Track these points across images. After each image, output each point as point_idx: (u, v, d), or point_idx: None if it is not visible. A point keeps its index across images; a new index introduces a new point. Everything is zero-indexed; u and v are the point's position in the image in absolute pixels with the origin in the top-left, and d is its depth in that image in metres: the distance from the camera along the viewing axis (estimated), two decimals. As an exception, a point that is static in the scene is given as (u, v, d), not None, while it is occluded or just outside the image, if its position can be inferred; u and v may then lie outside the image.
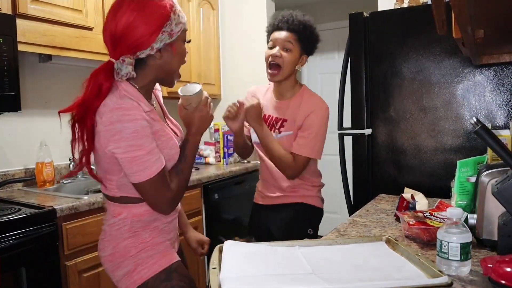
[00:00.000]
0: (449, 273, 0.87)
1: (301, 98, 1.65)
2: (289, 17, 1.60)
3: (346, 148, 2.06)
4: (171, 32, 1.05)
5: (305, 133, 1.59)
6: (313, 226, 1.70)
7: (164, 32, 1.04)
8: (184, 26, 1.10)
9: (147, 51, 1.04)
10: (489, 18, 0.96)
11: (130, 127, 0.99)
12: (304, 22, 1.60)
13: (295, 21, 1.59)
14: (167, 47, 1.08)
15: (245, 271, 0.86)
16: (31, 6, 1.82)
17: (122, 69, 1.02)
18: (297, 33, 1.59)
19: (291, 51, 1.59)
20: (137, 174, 1.03)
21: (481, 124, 0.91)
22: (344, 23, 2.71)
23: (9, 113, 1.95)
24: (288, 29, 1.59)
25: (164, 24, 1.04)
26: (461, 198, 1.24)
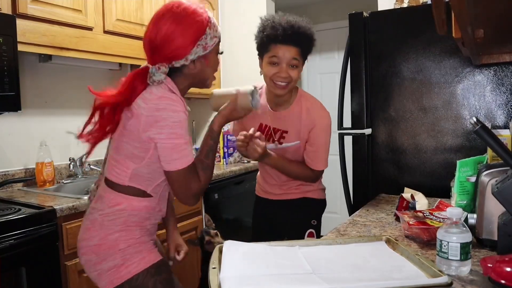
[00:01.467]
0: (449, 273, 0.87)
1: (299, 107, 1.56)
2: (294, 29, 1.44)
3: (346, 148, 2.06)
4: (205, 45, 1.13)
5: (314, 147, 1.57)
6: (317, 217, 1.72)
7: (199, 45, 1.12)
8: (218, 39, 1.17)
9: (181, 61, 1.12)
10: (489, 18, 0.96)
11: (174, 116, 1.06)
12: (309, 34, 1.48)
13: (302, 35, 1.46)
14: (201, 59, 1.15)
15: (245, 271, 0.86)
16: (31, 6, 1.82)
17: (156, 75, 1.09)
18: (301, 46, 1.47)
19: (297, 67, 1.48)
20: (176, 161, 1.08)
21: (481, 124, 0.91)
22: (344, 23, 2.71)
23: (9, 113, 1.95)
24: (294, 44, 1.45)
25: (200, 38, 1.11)
26: (461, 198, 1.24)
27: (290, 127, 1.57)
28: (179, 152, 1.08)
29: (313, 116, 1.56)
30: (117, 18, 2.24)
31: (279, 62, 1.46)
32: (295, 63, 1.47)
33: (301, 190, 1.69)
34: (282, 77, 1.46)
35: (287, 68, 1.46)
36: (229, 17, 3.35)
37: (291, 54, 1.45)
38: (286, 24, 1.44)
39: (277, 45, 1.45)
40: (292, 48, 1.45)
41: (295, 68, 1.48)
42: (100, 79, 2.50)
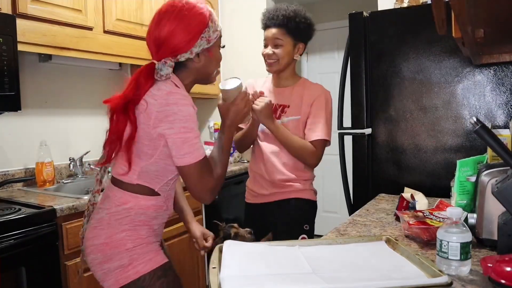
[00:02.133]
0: (449, 272, 0.87)
1: (303, 86, 1.70)
2: (274, 12, 1.63)
3: (346, 148, 2.06)
4: (208, 38, 1.15)
5: (316, 119, 1.63)
6: (309, 221, 1.69)
7: (203, 38, 1.14)
8: (220, 33, 1.20)
9: (186, 55, 1.13)
10: (489, 18, 0.96)
11: (184, 110, 1.07)
12: (288, 14, 1.61)
13: (279, 16, 1.61)
14: (204, 52, 1.17)
15: (245, 271, 0.86)
16: (31, 6, 1.82)
17: (163, 70, 1.10)
18: (283, 27, 1.62)
19: (282, 46, 1.63)
20: (187, 155, 1.08)
21: (481, 124, 0.90)
22: (344, 22, 2.71)
23: (9, 113, 1.95)
24: (274, 26, 1.63)
25: (203, 31, 1.14)
26: (461, 197, 1.24)
27: (292, 102, 1.67)
28: (191, 146, 1.08)
29: (314, 90, 1.68)
30: (117, 18, 2.24)
31: (267, 44, 1.66)
32: (278, 42, 1.63)
33: (293, 188, 1.66)
34: (268, 55, 1.64)
35: (272, 47, 1.64)
36: (229, 17, 3.35)
37: (274, 34, 1.63)
38: (271, 10, 1.65)
39: (265, 31, 1.67)
40: (273, 29, 1.63)
41: (280, 47, 1.63)
42: (100, 79, 2.50)
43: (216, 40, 1.18)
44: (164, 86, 1.09)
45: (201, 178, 1.12)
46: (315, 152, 1.62)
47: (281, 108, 1.69)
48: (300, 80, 1.73)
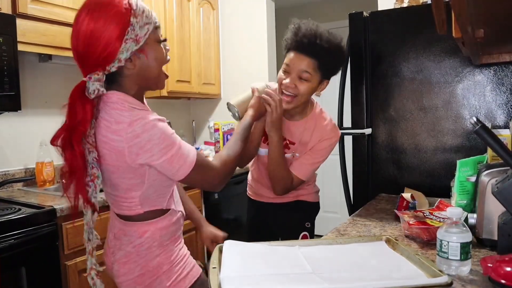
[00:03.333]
0: (449, 272, 0.87)
1: (314, 122, 1.49)
2: (312, 39, 1.33)
3: (346, 148, 2.06)
4: (136, 37, 0.96)
5: (312, 157, 1.48)
6: (310, 219, 1.69)
7: (128, 40, 0.94)
8: (152, 26, 0.99)
9: (116, 64, 0.95)
10: (489, 18, 0.96)
11: (156, 133, 0.95)
12: (329, 47, 1.34)
13: (318, 46, 1.32)
14: (137, 54, 0.98)
15: (245, 271, 0.86)
16: (31, 6, 1.82)
17: (90, 87, 0.95)
18: (318, 60, 1.35)
19: (308, 81, 1.37)
20: (180, 170, 1.01)
21: (481, 124, 0.91)
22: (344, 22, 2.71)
23: (9, 113, 1.95)
24: (308, 55, 1.34)
25: (125, 32, 0.94)
26: (461, 197, 1.24)
27: (298, 139, 1.50)
28: (179, 160, 1.00)
29: (326, 131, 1.49)
30: (117, 18, 2.24)
31: (289, 72, 1.38)
32: (305, 76, 1.36)
33: (294, 194, 1.62)
34: (288, 87, 1.37)
35: (295, 79, 1.36)
36: (229, 17, 3.35)
37: (303, 65, 1.35)
38: (306, 31, 1.34)
39: (291, 52, 1.38)
40: (305, 58, 1.34)
41: (305, 82, 1.37)
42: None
43: (148, 36, 0.98)
44: (121, 117, 0.95)
45: (203, 176, 1.07)
46: (288, 186, 1.48)
47: (285, 142, 1.51)
48: (311, 113, 1.51)
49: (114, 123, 0.95)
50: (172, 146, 0.98)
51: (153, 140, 0.95)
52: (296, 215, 1.65)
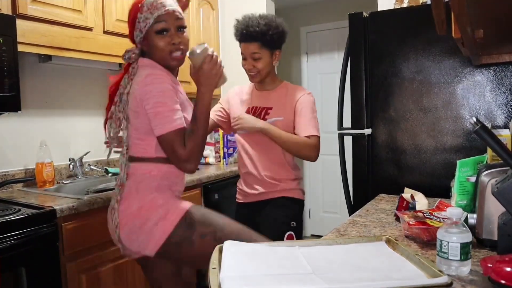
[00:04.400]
0: (449, 273, 0.87)
1: (285, 89, 1.79)
2: (245, 28, 1.69)
3: (346, 148, 2.06)
4: (141, 28, 1.30)
5: (301, 117, 1.70)
6: (296, 219, 1.73)
7: (136, 29, 1.31)
8: (150, 21, 1.28)
9: (137, 43, 1.34)
10: (489, 18, 0.96)
11: (157, 88, 1.21)
12: (261, 29, 1.66)
13: (252, 32, 1.67)
14: (144, 41, 1.33)
15: (245, 271, 0.86)
16: (31, 7, 1.82)
17: (125, 55, 1.34)
18: (258, 41, 1.68)
19: (261, 59, 1.71)
20: (158, 127, 1.21)
21: (480, 124, 0.91)
22: (344, 23, 2.71)
23: (9, 114, 1.95)
24: (249, 40, 1.69)
25: (135, 23, 1.31)
26: (461, 198, 1.24)
27: (275, 104, 1.75)
28: (162, 118, 1.20)
29: (297, 92, 1.76)
30: (117, 19, 2.24)
31: (245, 57, 1.74)
32: (256, 56, 1.71)
33: (281, 188, 1.73)
34: (250, 69, 1.73)
35: (251, 61, 1.72)
36: (229, 17, 3.34)
37: (251, 49, 1.71)
38: (243, 25, 1.71)
39: (241, 43, 1.75)
40: (249, 44, 1.70)
41: (259, 60, 1.71)
42: (100, 79, 2.50)
43: (148, 28, 1.29)
44: (143, 72, 1.27)
45: (173, 148, 1.23)
46: (315, 145, 1.67)
47: (264, 110, 1.75)
48: (282, 84, 1.81)
49: (139, 76, 1.28)
50: (163, 105, 1.21)
51: (153, 92, 1.21)
52: (280, 213, 1.70)
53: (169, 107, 1.21)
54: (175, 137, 1.22)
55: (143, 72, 1.26)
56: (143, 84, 1.23)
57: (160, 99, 1.21)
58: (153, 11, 1.27)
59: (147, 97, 1.21)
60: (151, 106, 1.21)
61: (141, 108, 1.24)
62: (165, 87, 1.22)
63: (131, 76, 1.32)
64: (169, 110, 1.21)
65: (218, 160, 3.07)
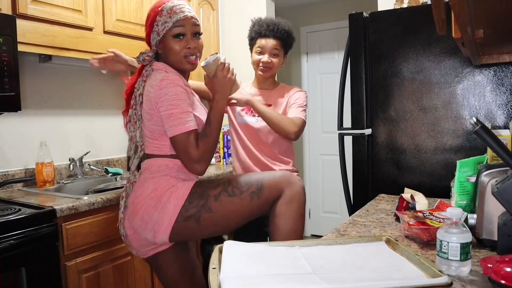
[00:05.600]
0: (449, 273, 0.87)
1: (283, 89, 1.95)
2: (274, 25, 1.83)
3: (346, 148, 2.06)
4: (158, 31, 1.35)
5: (294, 106, 1.85)
6: None
7: (154, 31, 1.36)
8: (171, 24, 1.33)
9: (153, 45, 1.40)
10: (489, 18, 0.96)
11: (171, 91, 1.26)
12: (287, 30, 1.85)
13: (280, 29, 1.83)
14: (160, 44, 1.38)
15: (245, 271, 0.86)
16: (31, 7, 1.82)
17: (140, 57, 1.39)
18: (282, 40, 1.85)
19: (278, 56, 1.87)
20: (171, 128, 1.26)
21: (481, 124, 0.90)
22: (344, 23, 2.71)
23: (9, 114, 1.95)
24: (274, 37, 1.84)
25: (153, 25, 1.36)
26: (461, 198, 1.24)
27: (274, 102, 1.90)
28: (174, 120, 1.25)
29: (291, 91, 1.92)
30: (117, 19, 2.24)
31: (263, 52, 1.86)
32: (276, 52, 1.86)
33: None
34: (266, 62, 1.85)
35: (269, 56, 1.85)
36: (229, 17, 3.35)
37: (273, 45, 1.84)
38: (269, 22, 1.85)
39: (262, 38, 1.85)
40: (273, 40, 1.84)
41: (276, 57, 1.87)
42: (100, 79, 2.50)
43: (166, 32, 1.34)
44: (157, 75, 1.31)
45: (183, 149, 1.28)
46: (297, 124, 1.77)
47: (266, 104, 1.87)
48: (279, 85, 1.98)
49: (153, 79, 1.32)
50: (176, 107, 1.26)
51: (167, 96, 1.26)
52: None
53: (182, 109, 1.26)
54: (187, 138, 1.26)
55: (158, 76, 1.31)
56: (158, 87, 1.28)
57: (173, 102, 1.26)
58: (172, 15, 1.33)
59: (161, 100, 1.26)
60: (165, 108, 1.26)
61: (155, 110, 1.29)
62: (179, 90, 1.28)
63: (144, 78, 1.37)
64: (182, 112, 1.26)
65: (218, 160, 3.07)
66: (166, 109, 1.26)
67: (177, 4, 1.35)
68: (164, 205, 1.29)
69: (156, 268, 1.42)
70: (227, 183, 1.35)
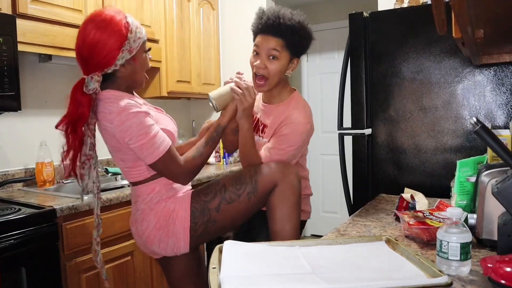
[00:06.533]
0: (449, 273, 0.87)
1: (287, 107, 1.45)
2: (275, 19, 1.37)
3: (346, 148, 2.06)
4: (130, 49, 1.22)
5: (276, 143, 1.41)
6: None
7: (124, 50, 1.21)
8: (142, 40, 1.25)
9: (112, 68, 1.21)
10: (489, 18, 0.96)
11: (135, 122, 1.18)
12: (293, 26, 1.37)
13: (282, 25, 1.36)
14: (129, 61, 1.24)
15: (245, 271, 0.86)
16: (31, 6, 1.82)
17: (90, 85, 1.19)
18: (284, 39, 1.37)
19: (277, 60, 1.38)
20: (148, 157, 1.21)
21: (481, 124, 0.91)
22: (344, 23, 2.71)
23: (9, 113, 1.95)
24: (274, 35, 1.37)
25: (123, 44, 1.20)
26: (461, 198, 1.24)
27: (270, 123, 1.47)
28: (148, 148, 1.19)
29: (292, 117, 1.41)
30: (117, 18, 2.24)
31: (259, 52, 1.40)
32: (274, 53, 1.37)
33: None
34: (259, 68, 1.38)
35: (265, 59, 1.38)
36: (229, 17, 3.35)
37: (271, 44, 1.37)
38: (271, 14, 1.38)
39: (259, 34, 1.41)
40: (272, 38, 1.37)
41: (275, 60, 1.38)
42: (100, 79, 2.50)
43: (139, 48, 1.24)
44: (112, 107, 1.18)
45: (167, 168, 1.25)
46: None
47: (262, 127, 1.51)
48: (288, 98, 1.48)
49: (108, 113, 1.19)
50: (145, 135, 1.19)
51: (133, 128, 1.18)
52: None
53: (151, 135, 1.19)
54: (166, 159, 1.23)
55: (112, 108, 1.18)
56: (119, 122, 1.17)
57: (140, 132, 1.18)
58: (140, 30, 1.25)
59: (128, 134, 1.18)
60: (135, 140, 1.18)
61: (123, 144, 1.21)
62: (141, 118, 1.18)
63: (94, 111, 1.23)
64: (152, 138, 1.19)
65: (218, 160, 3.07)
66: (135, 141, 1.18)
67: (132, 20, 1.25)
68: (174, 231, 1.29)
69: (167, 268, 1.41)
70: (223, 189, 1.32)
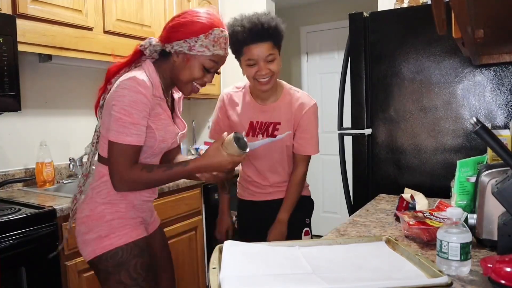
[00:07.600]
0: (449, 273, 0.87)
1: (289, 97, 1.62)
2: (259, 26, 1.46)
3: (346, 148, 2.06)
4: (191, 46, 1.18)
5: (307, 133, 1.62)
6: (309, 215, 1.75)
7: (187, 42, 1.18)
8: (209, 53, 1.19)
9: (169, 46, 1.20)
10: (489, 18, 0.96)
11: (131, 96, 1.12)
12: (274, 26, 1.48)
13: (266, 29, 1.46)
14: (184, 55, 1.20)
15: (245, 271, 0.86)
16: (31, 6, 1.82)
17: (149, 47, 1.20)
18: (272, 39, 1.49)
19: (275, 60, 1.51)
20: (113, 132, 1.13)
21: (481, 124, 0.90)
22: (344, 23, 2.71)
23: (9, 113, 1.95)
24: (264, 40, 1.47)
25: (190, 37, 1.17)
26: (461, 198, 1.24)
27: (282, 118, 1.61)
28: (120, 126, 1.11)
29: (302, 103, 1.60)
30: (117, 18, 2.24)
31: (257, 62, 1.49)
32: (271, 57, 1.49)
33: None
34: (263, 74, 1.50)
35: (265, 64, 1.49)
36: (229, 17, 3.34)
37: (265, 50, 1.48)
38: (250, 24, 1.47)
39: (249, 46, 1.48)
40: (262, 44, 1.47)
41: (273, 62, 1.50)
42: (100, 79, 2.48)
43: (201, 55, 1.19)
44: (131, 72, 1.16)
45: (116, 161, 1.13)
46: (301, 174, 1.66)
47: (272, 125, 1.61)
48: (282, 91, 1.63)
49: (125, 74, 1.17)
50: (128, 115, 1.12)
51: (125, 98, 1.12)
52: (296, 212, 1.66)
53: (132, 119, 1.12)
54: (123, 151, 1.13)
55: (130, 73, 1.16)
56: (120, 83, 1.14)
57: (127, 108, 1.11)
58: (215, 45, 1.19)
59: (117, 99, 1.12)
60: (117, 109, 1.12)
61: (109, 106, 1.16)
62: (139, 98, 1.12)
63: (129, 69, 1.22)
64: (131, 123, 1.12)
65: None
66: (117, 111, 1.12)
67: (224, 36, 1.22)
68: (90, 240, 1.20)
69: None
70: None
